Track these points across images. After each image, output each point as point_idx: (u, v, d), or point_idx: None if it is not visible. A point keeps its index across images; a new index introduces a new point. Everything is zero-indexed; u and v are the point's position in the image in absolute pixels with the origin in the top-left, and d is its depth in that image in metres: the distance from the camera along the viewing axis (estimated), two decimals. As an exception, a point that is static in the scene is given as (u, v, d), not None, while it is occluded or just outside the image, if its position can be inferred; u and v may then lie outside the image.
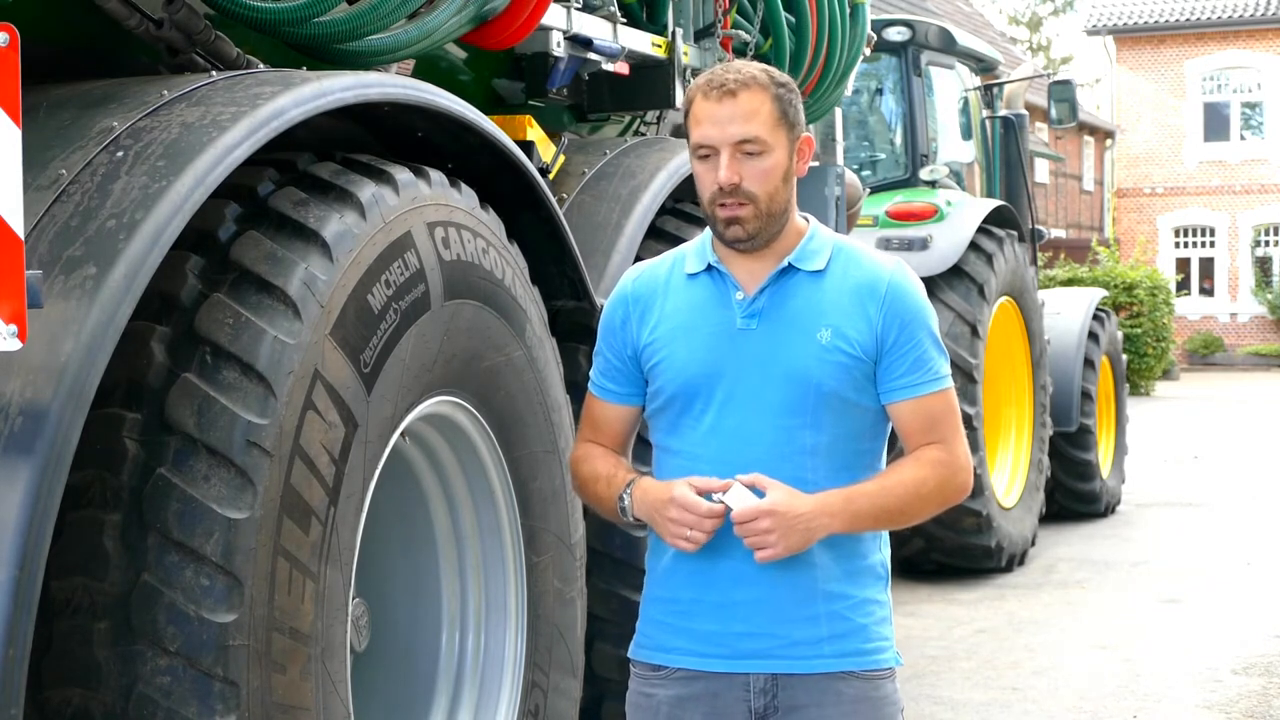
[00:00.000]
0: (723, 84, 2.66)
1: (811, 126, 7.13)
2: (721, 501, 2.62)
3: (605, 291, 3.78)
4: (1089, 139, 40.84)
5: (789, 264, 2.71)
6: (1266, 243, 34.93)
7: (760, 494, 2.61)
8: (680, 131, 2.59)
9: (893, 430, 2.80)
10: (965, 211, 9.28)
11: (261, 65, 3.50)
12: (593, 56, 4.97)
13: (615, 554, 4.24)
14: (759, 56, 6.01)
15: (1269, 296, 34.27)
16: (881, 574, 2.78)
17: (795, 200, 2.75)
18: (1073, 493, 11.09)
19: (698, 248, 2.80)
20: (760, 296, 2.70)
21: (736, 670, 2.70)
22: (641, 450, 2.93)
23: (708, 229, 2.80)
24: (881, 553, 2.79)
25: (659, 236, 4.65)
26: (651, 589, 2.82)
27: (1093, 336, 11.15)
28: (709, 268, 2.75)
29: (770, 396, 2.67)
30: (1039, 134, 32.79)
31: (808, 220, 2.78)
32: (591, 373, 2.91)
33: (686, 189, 4.68)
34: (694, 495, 2.63)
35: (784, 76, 2.74)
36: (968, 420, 8.54)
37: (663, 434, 2.80)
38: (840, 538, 2.67)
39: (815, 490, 2.65)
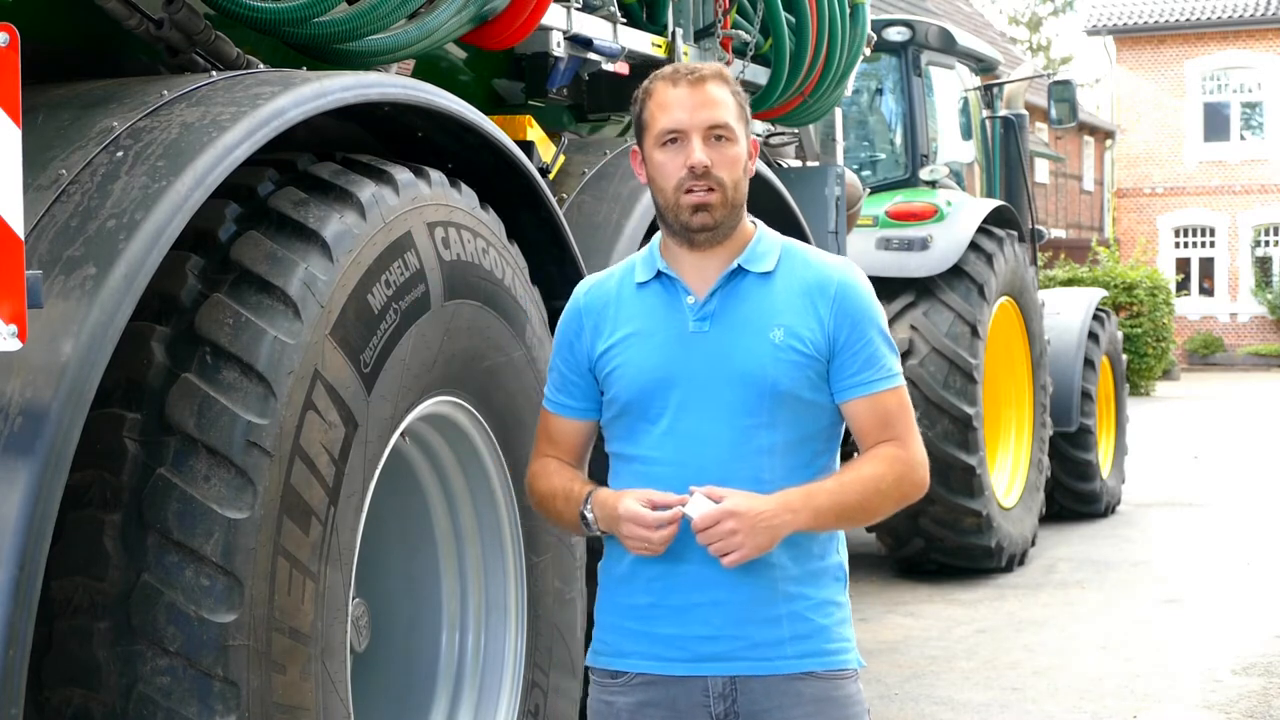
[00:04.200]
0: (692, 71, 2.71)
1: (813, 127, 7.14)
2: (681, 511, 2.61)
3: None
4: (1089, 139, 40.85)
5: (738, 266, 2.74)
6: (1266, 243, 34.93)
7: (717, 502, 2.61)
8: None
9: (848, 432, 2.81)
10: (965, 211, 9.26)
11: (261, 65, 3.50)
12: (593, 56, 4.97)
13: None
14: (759, 57, 6.02)
15: (1269, 296, 34.27)
16: (840, 575, 2.79)
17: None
18: (1073, 493, 11.09)
19: (645, 257, 2.82)
20: (711, 299, 2.72)
21: (695, 673, 2.70)
22: (602, 458, 2.91)
23: (654, 239, 2.82)
24: (839, 554, 2.80)
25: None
26: (608, 596, 2.82)
27: (1093, 336, 11.14)
28: (658, 274, 2.77)
29: (726, 398, 2.68)
30: (1039, 134, 32.80)
31: (755, 223, 2.81)
32: (546, 389, 2.92)
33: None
34: (638, 507, 2.64)
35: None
36: (967, 420, 8.55)
37: (619, 441, 2.80)
38: (798, 538, 2.68)
39: (772, 491, 2.65)
